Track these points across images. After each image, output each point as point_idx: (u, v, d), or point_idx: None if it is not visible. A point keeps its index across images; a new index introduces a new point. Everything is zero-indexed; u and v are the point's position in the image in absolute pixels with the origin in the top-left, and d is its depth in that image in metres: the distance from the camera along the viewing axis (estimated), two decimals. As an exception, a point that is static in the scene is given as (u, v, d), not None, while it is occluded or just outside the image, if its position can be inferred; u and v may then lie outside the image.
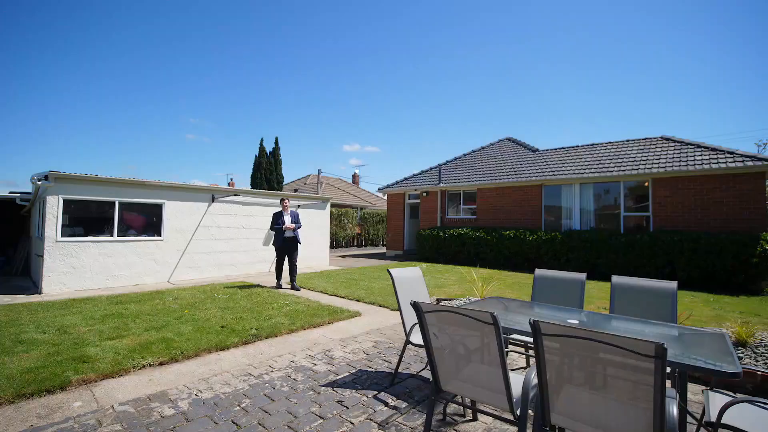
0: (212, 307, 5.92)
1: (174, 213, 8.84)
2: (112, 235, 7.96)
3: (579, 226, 11.75)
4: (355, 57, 62.50)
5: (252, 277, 9.56)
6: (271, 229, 7.71)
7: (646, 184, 10.88)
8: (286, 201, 7.88)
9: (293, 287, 7.71)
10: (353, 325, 5.28)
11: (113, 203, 7.96)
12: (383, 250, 20.18)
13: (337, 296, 7.16)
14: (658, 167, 10.46)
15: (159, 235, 8.63)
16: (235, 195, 9.60)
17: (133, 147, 65.79)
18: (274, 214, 7.71)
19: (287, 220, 7.71)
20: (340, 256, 15.96)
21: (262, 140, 24.60)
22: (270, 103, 68.71)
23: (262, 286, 7.99)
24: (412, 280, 3.59)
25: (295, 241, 7.79)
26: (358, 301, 6.81)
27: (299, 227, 7.83)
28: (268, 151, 23.96)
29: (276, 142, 24.24)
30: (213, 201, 9.49)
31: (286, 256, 7.84)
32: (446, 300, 6.31)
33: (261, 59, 60.26)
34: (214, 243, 9.53)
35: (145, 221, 8.56)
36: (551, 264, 10.98)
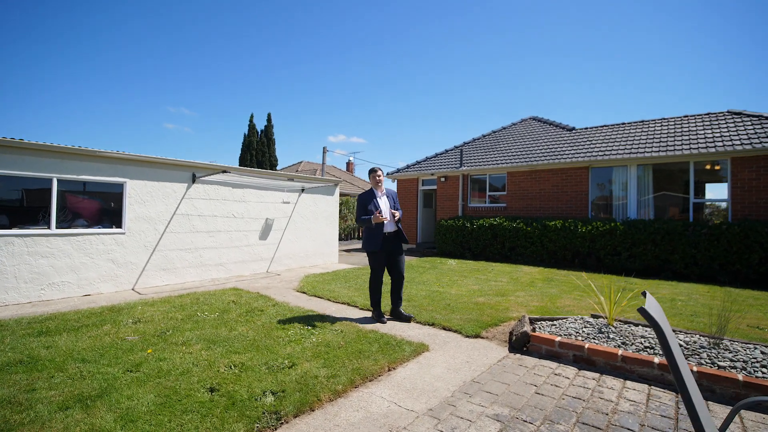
0: (193, 339, 3.76)
1: (140, 197, 6.54)
2: (48, 227, 5.65)
3: (636, 215, 9.93)
4: (343, 48, 59.65)
5: (246, 280, 7.38)
6: (358, 220, 4.69)
7: (718, 167, 9.13)
8: (380, 173, 4.75)
9: (398, 315, 4.69)
10: (428, 371, 3.23)
11: (50, 181, 5.64)
12: (389, 243, 18.09)
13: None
14: (741, 144, 8.66)
15: (119, 226, 6.34)
16: (223, 172, 7.33)
17: (107, 140, 61.38)
18: (359, 197, 4.71)
19: (384, 204, 4.66)
20: (345, 251, 13.83)
21: (252, 116, 21.34)
22: (252, 92, 65.32)
23: (263, 295, 5.83)
24: (664, 316, 1.54)
25: (399, 239, 4.71)
26: (406, 319, 4.74)
27: (401, 216, 4.84)
28: (259, 130, 20.95)
29: (269, 119, 21.08)
30: (194, 181, 7.21)
31: (387, 265, 4.71)
32: (547, 320, 4.27)
33: (242, 48, 56.87)
34: (195, 237, 7.28)
35: (99, 207, 6.25)
36: (609, 260, 9.14)
